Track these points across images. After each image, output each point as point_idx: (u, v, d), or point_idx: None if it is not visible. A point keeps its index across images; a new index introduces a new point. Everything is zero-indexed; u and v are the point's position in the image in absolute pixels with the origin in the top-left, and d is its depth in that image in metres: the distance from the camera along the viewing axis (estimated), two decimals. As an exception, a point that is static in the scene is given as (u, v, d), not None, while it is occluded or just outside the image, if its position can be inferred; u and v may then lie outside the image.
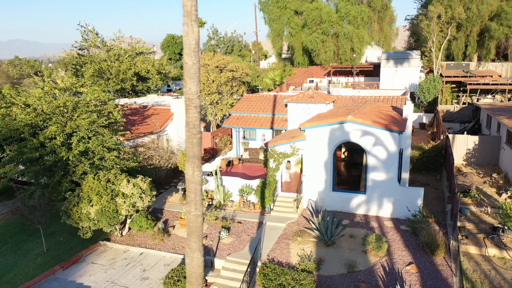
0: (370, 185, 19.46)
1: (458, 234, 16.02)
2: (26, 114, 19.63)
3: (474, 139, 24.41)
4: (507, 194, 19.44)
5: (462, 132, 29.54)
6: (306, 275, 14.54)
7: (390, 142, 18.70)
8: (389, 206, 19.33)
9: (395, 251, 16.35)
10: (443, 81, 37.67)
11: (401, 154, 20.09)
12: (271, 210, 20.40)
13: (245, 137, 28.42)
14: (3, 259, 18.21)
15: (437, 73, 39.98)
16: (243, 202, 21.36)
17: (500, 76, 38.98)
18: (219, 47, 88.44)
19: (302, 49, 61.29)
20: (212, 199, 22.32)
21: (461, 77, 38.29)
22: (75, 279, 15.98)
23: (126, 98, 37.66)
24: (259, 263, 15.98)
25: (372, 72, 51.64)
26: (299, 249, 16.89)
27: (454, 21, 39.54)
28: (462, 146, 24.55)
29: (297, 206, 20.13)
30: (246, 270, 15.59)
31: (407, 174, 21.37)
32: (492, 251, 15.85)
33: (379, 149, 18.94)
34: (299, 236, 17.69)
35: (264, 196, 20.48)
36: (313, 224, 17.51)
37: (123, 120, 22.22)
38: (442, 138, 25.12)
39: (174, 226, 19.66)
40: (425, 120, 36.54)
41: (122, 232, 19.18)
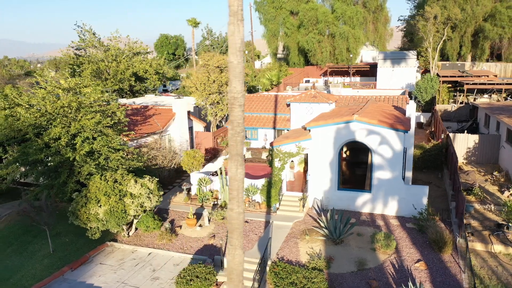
0: (376, 183, 19.66)
1: (465, 231, 16.28)
2: (30, 114, 19.47)
3: (474, 138, 24.78)
4: (510, 191, 19.77)
5: (460, 131, 29.94)
6: (317, 273, 14.66)
7: (395, 141, 18.92)
8: (394, 205, 19.54)
9: (403, 249, 16.55)
10: (440, 81, 38.13)
11: (405, 153, 20.31)
12: (277, 209, 20.50)
13: (246, 137, 28.49)
14: (9, 261, 18.04)
15: (433, 73, 40.43)
16: (249, 201, 21.43)
17: (495, 76, 39.59)
18: (214, 47, 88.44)
19: (298, 49, 61.53)
20: (217, 199, 22.36)
21: (457, 77, 38.80)
22: (85, 280, 15.90)
23: (124, 99, 37.49)
24: (269, 262, 16.07)
25: (368, 72, 52.06)
26: (308, 247, 17.02)
27: (451, 21, 40.04)
28: (463, 145, 24.90)
29: (303, 205, 20.25)
30: (256, 269, 15.68)
31: (410, 172, 21.60)
32: (498, 248, 16.13)
33: (385, 148, 19.15)
34: (307, 234, 17.81)
35: (270, 195, 20.57)
36: (321, 222, 17.64)
37: (127, 120, 22.16)
38: (442, 137, 25.44)
39: (180, 226, 19.66)
40: (422, 119, 36.94)
41: (129, 232, 19.12)
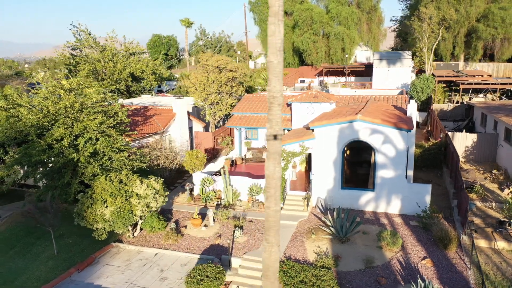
0: (379, 182, 19.86)
1: (470, 228, 16.54)
2: (33, 115, 19.31)
3: (473, 137, 25.16)
4: (510, 189, 20.12)
5: (456, 130, 30.36)
6: (326, 271, 14.78)
7: (399, 140, 19.14)
8: (397, 203, 19.76)
9: (409, 246, 16.75)
10: (436, 80, 38.61)
11: (407, 152, 20.52)
12: (281, 208, 20.58)
13: (247, 137, 28.55)
14: (13, 263, 17.87)
15: (429, 73, 40.93)
16: (252, 201, 21.48)
17: (490, 76, 40.23)
18: (207, 48, 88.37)
19: (292, 49, 61.83)
20: (220, 199, 22.37)
21: (453, 76, 39.34)
22: (93, 281, 15.83)
23: (120, 99, 37.24)
24: (277, 261, 16.13)
25: (363, 72, 52.49)
26: (315, 246, 17.13)
27: (446, 22, 40.57)
28: (461, 143, 25.26)
29: (307, 204, 20.38)
30: (264, 268, 15.75)
31: (412, 171, 21.82)
32: (501, 244, 16.41)
33: (388, 147, 19.36)
34: (313, 233, 17.92)
35: (274, 195, 20.61)
36: (328, 221, 17.78)
37: (128, 120, 22.08)
38: (441, 136, 25.77)
39: (185, 226, 19.64)
40: (418, 119, 37.33)
41: (133, 233, 19.05)
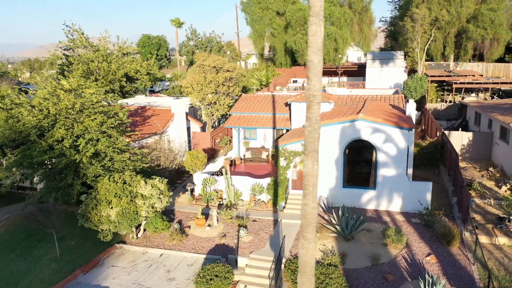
0: (380, 180, 20.12)
1: (473, 225, 16.88)
2: (33, 116, 19.07)
3: (469, 135, 25.64)
4: (507, 186, 20.57)
5: (449, 129, 30.86)
6: (334, 269, 14.92)
7: (400, 139, 19.42)
8: (398, 201, 20.04)
9: (413, 243, 17.02)
10: (429, 80, 39.18)
11: (408, 151, 20.83)
12: (284, 207, 20.70)
13: (245, 136, 28.59)
14: (14, 266, 17.61)
15: (421, 73, 41.50)
16: (254, 201, 21.54)
17: (481, 75, 40.98)
18: (198, 48, 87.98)
19: (285, 49, 62.01)
20: (221, 199, 22.38)
21: (445, 76, 39.98)
22: (99, 283, 15.71)
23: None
24: (283, 260, 16.24)
25: (355, 72, 52.97)
26: (320, 244, 17.27)
27: (438, 22, 41.18)
28: (457, 142, 25.70)
29: (309, 203, 20.50)
30: (271, 267, 15.86)
31: (411, 169, 22.15)
32: (502, 240, 16.78)
33: (390, 146, 19.62)
34: (318, 232, 18.06)
35: (277, 194, 20.75)
36: (333, 219, 17.94)
37: (129, 121, 21.96)
38: (438, 134, 26.19)
39: (189, 226, 19.61)
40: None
41: (137, 234, 18.95)
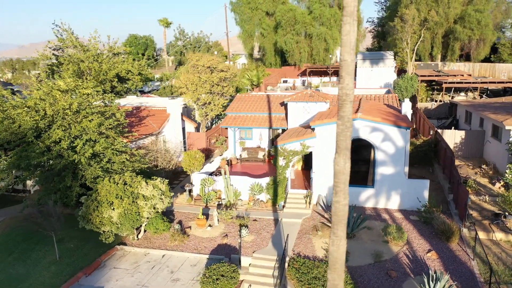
0: (379, 179, 20.38)
1: (470, 221, 17.25)
2: (30, 117, 18.75)
3: (461, 134, 26.17)
4: (501, 183, 21.08)
5: (440, 127, 31.44)
6: (338, 267, 15.08)
7: (398, 138, 19.72)
8: (396, 199, 20.34)
9: (413, 240, 17.31)
10: (419, 80, 39.83)
11: (405, 149, 21.16)
12: (283, 207, 20.80)
13: (241, 136, 28.61)
14: (13, 270, 17.29)
15: (411, 72, 42.17)
16: (253, 200, 21.60)
17: (470, 75, 41.85)
18: (186, 48, 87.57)
19: (274, 50, 62.26)
20: (220, 199, 22.37)
21: (435, 76, 40.71)
22: (102, 285, 15.55)
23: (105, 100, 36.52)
24: (287, 258, 16.33)
25: (345, 72, 53.36)
26: (322, 242, 17.44)
27: (427, 23, 41.89)
28: (450, 140, 26.20)
29: (309, 202, 20.67)
30: (275, 266, 15.95)
31: (407, 167, 22.50)
32: (499, 236, 17.20)
33: (388, 144, 19.91)
34: (319, 230, 18.23)
35: (277, 193, 20.84)
36: (334, 218, 18.10)
37: (126, 121, 21.78)
38: (431, 133, 26.65)
39: (190, 227, 19.55)
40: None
41: (137, 235, 18.82)
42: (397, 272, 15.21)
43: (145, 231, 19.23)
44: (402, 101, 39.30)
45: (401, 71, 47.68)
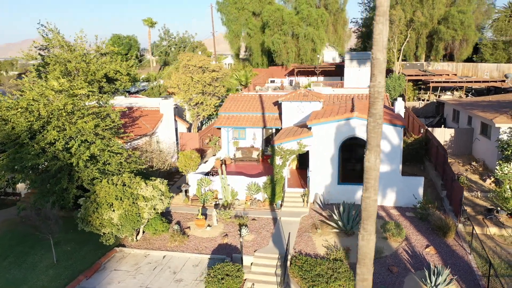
0: (374, 177, 20.68)
1: (464, 217, 17.71)
2: (25, 118, 18.37)
3: (450, 132, 26.80)
4: (491, 179, 21.69)
5: (429, 126, 32.12)
6: (340, 264, 15.32)
7: (394, 136, 20.08)
8: (392, 196, 20.71)
9: (411, 236, 17.67)
10: (406, 79, 40.60)
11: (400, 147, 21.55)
12: (281, 206, 20.93)
13: (234, 136, 28.62)
14: (9, 274, 16.93)
15: (398, 72, 42.93)
16: (251, 200, 21.66)
17: (455, 74, 42.88)
18: (171, 48, 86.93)
19: (261, 50, 62.45)
20: (217, 199, 22.35)
21: (422, 75, 41.57)
22: (104, 287, 15.37)
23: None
24: (289, 256, 16.46)
25: (332, 72, 54.01)
26: (322, 240, 17.63)
27: (414, 23, 42.73)
28: (440, 138, 26.78)
29: (306, 201, 20.85)
30: (277, 264, 16.06)
31: (401, 165, 22.93)
32: (492, 230, 17.72)
33: (383, 142, 20.20)
34: (318, 228, 18.41)
35: (274, 192, 20.96)
36: (334, 215, 18.33)
37: (121, 122, 21.55)
38: (422, 131, 27.20)
39: (189, 227, 19.49)
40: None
41: (136, 236, 18.65)
42: (398, 267, 15.52)
43: (143, 232, 19.08)
44: (392, 100, 40.15)
45: (387, 71, 48.51)
